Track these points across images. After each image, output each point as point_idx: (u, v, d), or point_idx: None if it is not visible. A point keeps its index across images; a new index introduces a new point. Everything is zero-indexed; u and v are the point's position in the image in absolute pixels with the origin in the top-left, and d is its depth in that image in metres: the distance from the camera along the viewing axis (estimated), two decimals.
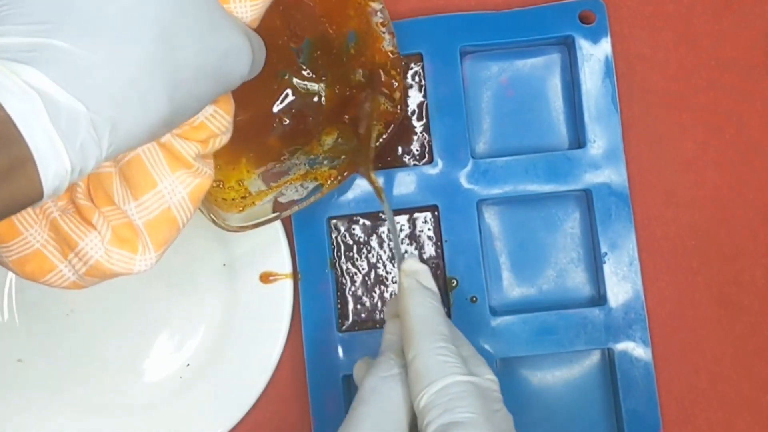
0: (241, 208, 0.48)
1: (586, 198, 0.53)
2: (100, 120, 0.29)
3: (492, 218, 0.54)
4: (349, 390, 0.52)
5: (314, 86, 0.50)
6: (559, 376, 0.53)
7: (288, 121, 0.50)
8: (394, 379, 0.39)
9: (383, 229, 0.53)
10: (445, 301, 0.51)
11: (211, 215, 0.46)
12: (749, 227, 0.53)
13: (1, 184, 0.27)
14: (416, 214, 0.53)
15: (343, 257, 0.53)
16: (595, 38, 0.52)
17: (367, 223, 0.53)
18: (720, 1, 0.54)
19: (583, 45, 0.52)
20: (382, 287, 0.53)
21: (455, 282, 0.51)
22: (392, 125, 0.49)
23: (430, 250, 0.53)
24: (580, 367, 0.53)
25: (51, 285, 0.38)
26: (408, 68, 0.53)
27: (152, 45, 0.31)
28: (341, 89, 0.50)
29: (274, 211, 0.48)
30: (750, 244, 0.53)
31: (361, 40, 0.48)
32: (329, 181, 0.48)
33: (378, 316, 0.53)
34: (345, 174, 0.48)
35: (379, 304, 0.53)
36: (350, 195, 0.52)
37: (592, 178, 0.52)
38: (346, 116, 0.50)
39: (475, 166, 0.52)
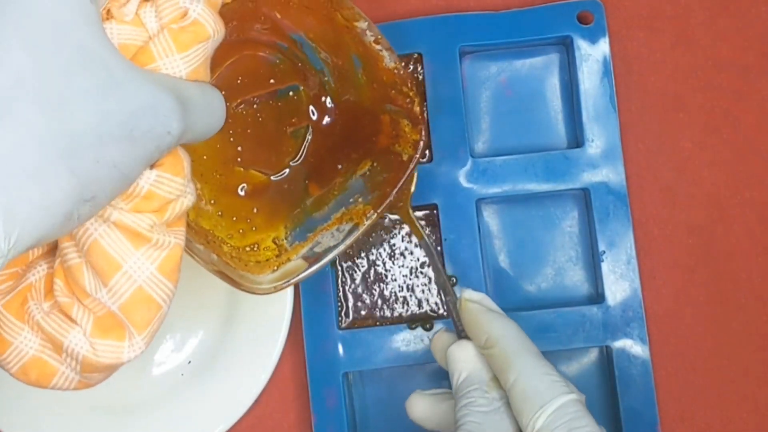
0: (275, 267, 0.45)
1: (584, 197, 0.53)
2: None
3: (491, 217, 0.54)
4: (349, 387, 0.52)
5: (329, 120, 0.48)
6: None
7: (312, 161, 0.48)
8: (498, 412, 0.39)
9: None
10: None
11: (236, 280, 0.43)
12: (746, 226, 0.53)
13: None
14: (416, 213, 0.53)
15: (343, 255, 0.53)
16: (593, 39, 0.53)
17: None
18: (717, 2, 0.55)
19: (582, 45, 0.53)
20: (382, 285, 0.53)
21: (454, 280, 0.52)
22: (420, 143, 0.45)
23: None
24: (579, 365, 0.53)
25: (62, 389, 0.36)
26: (407, 67, 0.53)
27: (37, 117, 0.28)
28: (360, 117, 0.47)
29: (309, 264, 0.45)
30: (747, 243, 0.53)
31: (365, 63, 0.46)
32: (365, 218, 0.45)
33: (378, 314, 0.53)
34: (382, 209, 0.45)
35: (379, 302, 0.53)
36: None
37: (591, 177, 0.52)
38: (374, 144, 0.47)
39: (474, 165, 0.52)
